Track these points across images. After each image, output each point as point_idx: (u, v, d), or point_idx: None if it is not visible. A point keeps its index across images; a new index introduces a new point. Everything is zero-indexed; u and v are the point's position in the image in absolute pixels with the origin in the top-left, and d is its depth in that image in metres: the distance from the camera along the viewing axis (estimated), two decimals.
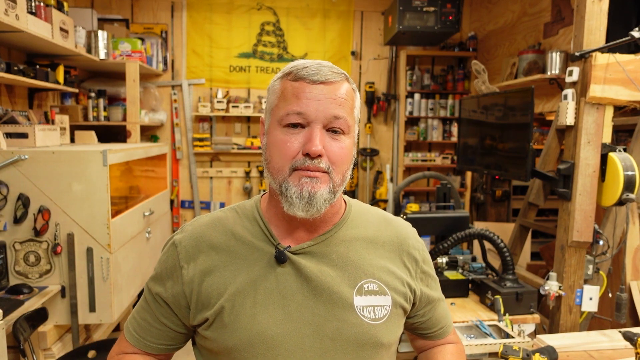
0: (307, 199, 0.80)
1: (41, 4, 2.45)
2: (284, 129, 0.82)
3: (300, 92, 0.81)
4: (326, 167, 0.81)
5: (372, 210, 0.99)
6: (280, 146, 0.82)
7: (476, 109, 2.84)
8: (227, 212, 0.94)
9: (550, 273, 2.15)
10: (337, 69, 0.85)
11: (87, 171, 2.21)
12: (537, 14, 3.30)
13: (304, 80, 0.82)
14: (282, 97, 0.83)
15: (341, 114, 0.81)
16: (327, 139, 0.81)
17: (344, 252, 0.89)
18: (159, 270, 0.91)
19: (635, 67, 2.06)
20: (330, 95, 0.81)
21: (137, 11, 4.18)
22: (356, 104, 0.88)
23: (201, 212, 4.39)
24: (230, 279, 0.85)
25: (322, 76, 0.81)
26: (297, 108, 0.80)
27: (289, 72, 0.84)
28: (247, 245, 0.88)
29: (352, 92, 0.86)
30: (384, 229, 0.95)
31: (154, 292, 0.91)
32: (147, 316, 0.92)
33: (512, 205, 4.13)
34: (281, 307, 0.83)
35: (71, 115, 3.11)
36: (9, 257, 2.17)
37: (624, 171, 1.99)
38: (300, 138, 0.81)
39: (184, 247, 0.89)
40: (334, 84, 0.82)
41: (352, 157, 0.87)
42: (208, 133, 4.34)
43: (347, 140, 0.84)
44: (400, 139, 4.38)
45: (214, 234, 0.89)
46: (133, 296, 2.73)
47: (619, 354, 1.77)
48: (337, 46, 4.42)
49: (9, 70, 2.35)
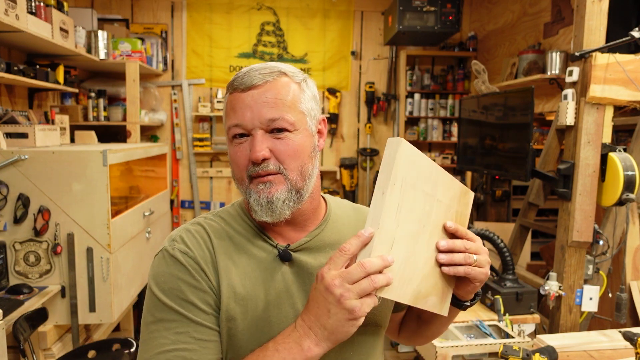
0: (266, 204, 0.82)
1: (41, 4, 2.45)
2: (233, 141, 0.84)
3: (235, 103, 0.83)
4: (276, 168, 0.82)
5: (343, 201, 1.03)
6: (234, 159, 0.84)
7: (476, 109, 2.84)
8: (212, 219, 0.90)
9: (550, 273, 2.15)
10: (270, 68, 0.84)
11: (87, 171, 2.21)
12: (537, 14, 3.30)
13: (236, 90, 0.83)
14: (226, 112, 0.86)
15: (276, 114, 0.81)
16: (271, 140, 0.82)
17: (336, 244, 0.90)
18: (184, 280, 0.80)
19: (635, 67, 2.06)
20: (262, 99, 0.81)
21: (137, 11, 4.18)
22: (303, 97, 0.85)
23: (201, 212, 4.39)
24: (238, 283, 0.83)
25: (252, 81, 0.82)
26: (235, 120, 0.82)
27: (228, 85, 0.86)
28: (245, 248, 0.86)
29: (292, 85, 0.84)
30: (359, 214, 1.00)
31: (196, 302, 0.80)
32: (196, 335, 0.79)
33: (512, 205, 4.13)
34: (290, 305, 0.84)
35: (71, 115, 3.11)
36: (9, 257, 2.17)
37: (624, 171, 1.99)
38: (246, 146, 0.82)
39: (195, 251, 0.83)
40: (264, 85, 0.82)
41: (308, 150, 0.85)
42: (208, 133, 4.34)
43: (294, 136, 0.83)
44: None
45: (213, 239, 0.86)
46: (133, 296, 2.73)
47: (619, 354, 1.77)
48: (337, 46, 4.42)
49: (9, 70, 2.35)
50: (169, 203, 3.70)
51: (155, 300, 0.80)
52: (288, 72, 0.85)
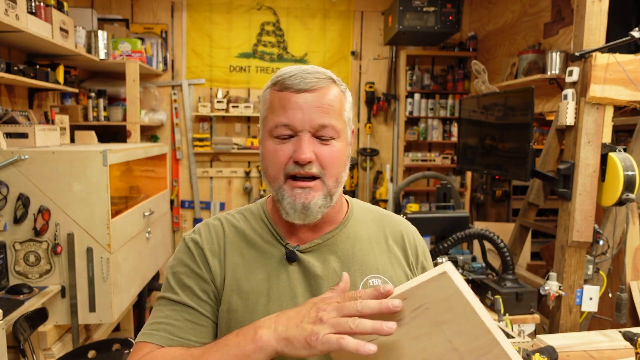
0: (300, 209, 0.83)
1: (41, 4, 2.45)
2: (275, 139, 0.85)
3: (286, 102, 0.83)
4: (318, 172, 0.84)
5: (372, 208, 1.02)
6: (272, 156, 0.85)
7: (476, 109, 2.84)
8: (235, 215, 0.96)
9: (550, 273, 2.15)
10: (322, 73, 0.86)
11: (87, 171, 2.21)
12: (537, 14, 3.30)
13: (289, 90, 0.83)
14: (271, 108, 0.86)
15: (327, 122, 0.83)
16: (316, 144, 0.83)
17: (349, 249, 0.92)
18: (189, 266, 0.88)
19: (635, 67, 2.06)
20: (316, 103, 0.82)
21: (137, 11, 4.18)
22: (346, 106, 0.88)
23: (201, 212, 4.40)
24: (244, 278, 0.87)
25: (307, 84, 0.83)
26: (284, 120, 0.83)
27: (276, 82, 0.86)
28: (257, 245, 0.90)
29: (340, 94, 0.87)
30: (385, 225, 0.98)
31: (193, 287, 0.86)
32: (186, 315, 0.85)
33: (512, 205, 4.13)
34: (293, 304, 0.85)
35: (71, 115, 3.11)
36: (9, 257, 2.17)
37: (624, 171, 1.99)
38: (290, 146, 0.83)
39: (205, 243, 0.90)
40: (319, 90, 0.83)
41: (345, 158, 0.88)
42: (208, 133, 4.34)
43: (337, 144, 0.85)
44: (400, 139, 4.38)
45: (228, 235, 0.91)
46: (133, 296, 2.73)
47: (619, 354, 1.77)
48: (337, 46, 4.42)
49: (9, 70, 2.35)
50: (169, 203, 3.70)
51: (166, 279, 0.90)
52: (336, 80, 0.88)
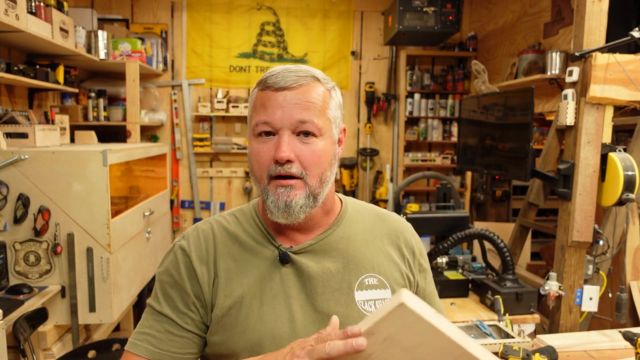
0: (283, 207, 0.83)
1: (41, 4, 2.45)
2: (257, 138, 0.85)
3: (266, 100, 0.84)
4: (298, 172, 0.83)
5: (367, 206, 1.02)
6: (256, 156, 0.85)
7: (476, 109, 2.84)
8: (227, 217, 0.95)
9: (550, 273, 2.15)
10: (305, 72, 0.86)
11: (87, 171, 2.21)
12: (537, 14, 3.30)
13: (269, 88, 0.84)
14: (254, 107, 0.86)
15: (307, 117, 0.82)
16: (297, 143, 0.83)
17: (343, 249, 0.91)
18: (173, 276, 0.88)
19: (635, 67, 2.06)
20: (295, 101, 0.82)
21: (137, 11, 4.18)
22: (331, 104, 0.88)
23: (201, 212, 4.40)
24: (237, 281, 0.86)
25: (287, 82, 0.83)
26: (264, 117, 0.83)
27: (260, 81, 0.87)
28: (250, 248, 0.90)
29: (324, 92, 0.86)
30: (381, 224, 0.98)
31: (175, 298, 0.87)
32: (167, 327, 0.86)
33: (512, 205, 4.13)
34: (286, 306, 0.85)
35: (71, 115, 3.11)
36: (9, 257, 2.17)
37: (624, 171, 1.99)
38: (271, 146, 0.83)
39: (193, 250, 0.89)
40: (298, 88, 0.83)
41: (330, 157, 0.87)
42: (208, 133, 4.34)
43: (320, 142, 0.84)
44: (400, 139, 4.38)
45: (218, 238, 0.91)
46: (133, 296, 2.73)
47: (619, 354, 1.77)
48: (337, 46, 4.42)
49: (9, 70, 2.35)
50: (169, 203, 3.70)
51: (154, 286, 0.91)
52: (320, 77, 0.88)
